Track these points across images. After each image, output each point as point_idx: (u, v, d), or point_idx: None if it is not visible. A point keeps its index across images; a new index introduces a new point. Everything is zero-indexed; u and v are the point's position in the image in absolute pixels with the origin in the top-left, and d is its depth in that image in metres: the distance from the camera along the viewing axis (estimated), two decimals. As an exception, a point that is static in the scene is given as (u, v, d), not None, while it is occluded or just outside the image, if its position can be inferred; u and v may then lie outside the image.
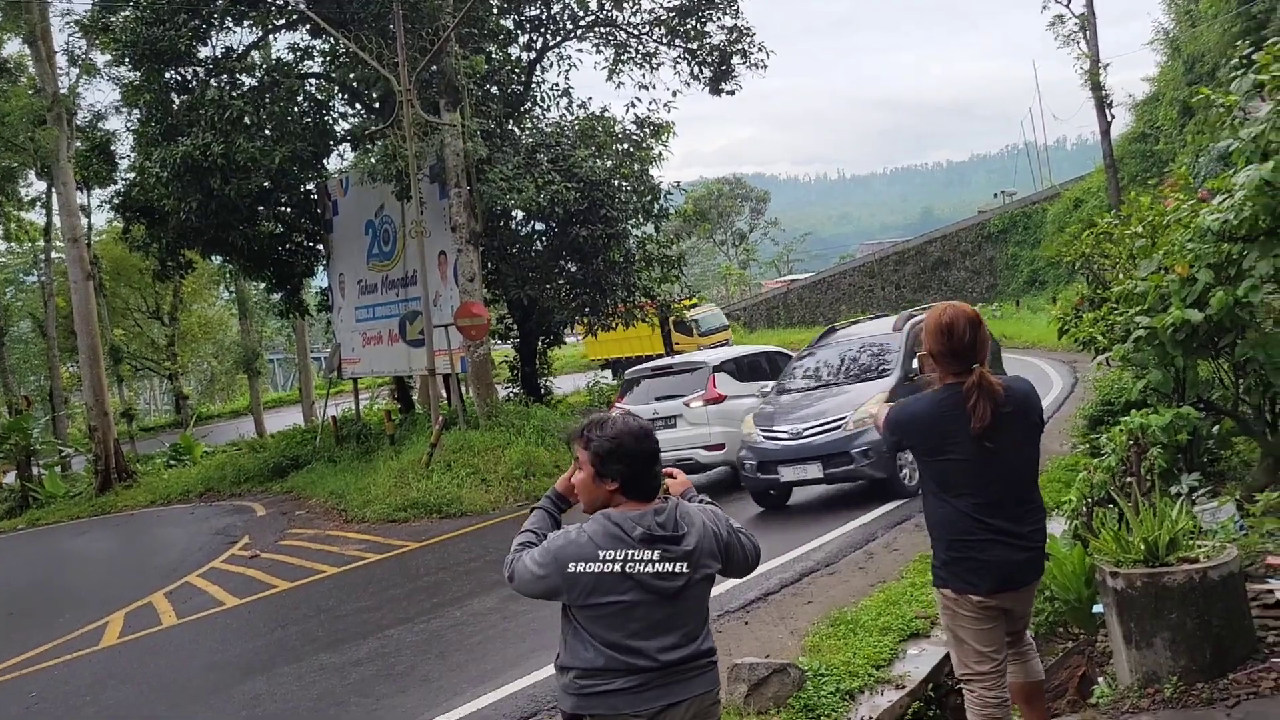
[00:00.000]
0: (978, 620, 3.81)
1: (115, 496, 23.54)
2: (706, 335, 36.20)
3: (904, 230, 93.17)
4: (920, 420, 3.84)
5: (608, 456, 2.89)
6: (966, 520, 3.76)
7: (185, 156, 19.17)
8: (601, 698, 2.78)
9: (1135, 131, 32.16)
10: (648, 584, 2.77)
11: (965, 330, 3.72)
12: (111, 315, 36.80)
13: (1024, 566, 3.85)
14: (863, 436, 10.52)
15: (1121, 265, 8.39)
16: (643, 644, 2.77)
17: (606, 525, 2.83)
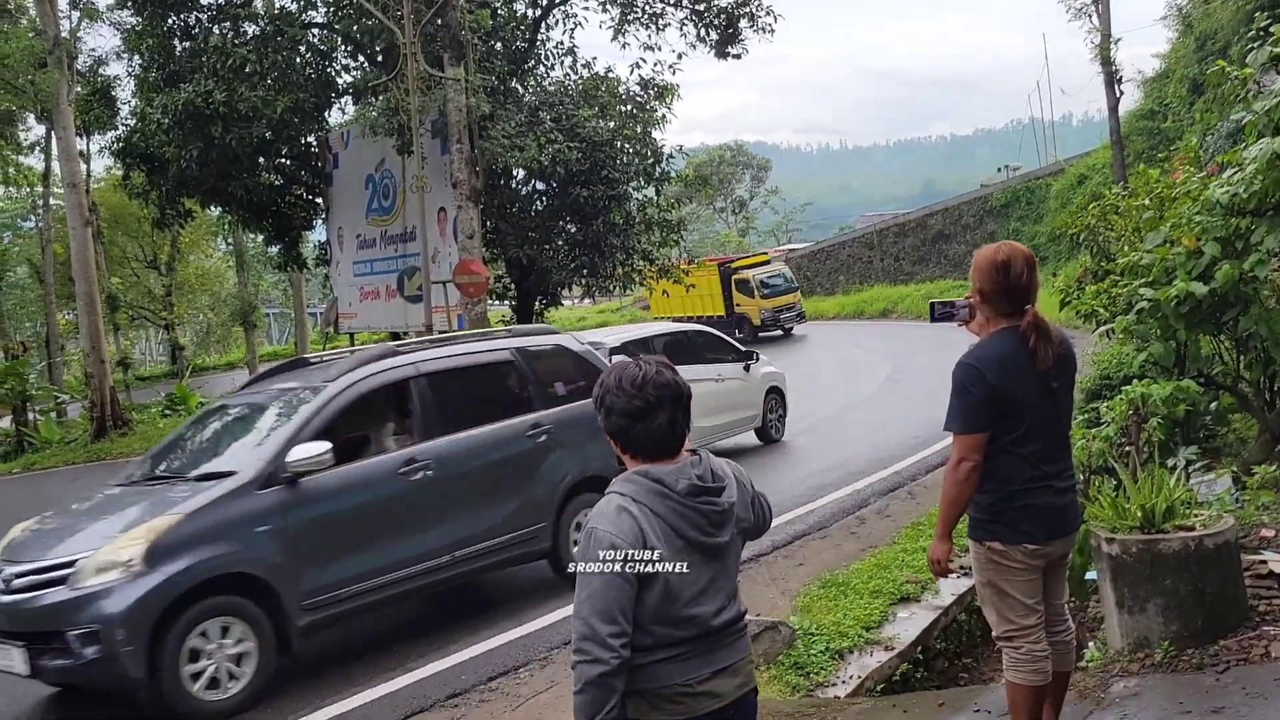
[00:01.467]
0: (1027, 572, 3.69)
1: (110, 444, 23.53)
2: (771, 298, 32.58)
3: (905, 203, 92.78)
4: (1004, 361, 3.59)
5: (601, 412, 2.66)
6: (1025, 468, 3.63)
7: (187, 104, 19.02)
8: (650, 669, 2.53)
9: (1143, 108, 31.95)
10: (695, 542, 2.56)
11: (1023, 269, 3.58)
12: (109, 263, 36.60)
13: (1070, 510, 3.76)
14: (97, 603, 5.65)
15: (1127, 238, 8.38)
16: (695, 610, 2.55)
17: (645, 484, 2.56)
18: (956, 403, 3.65)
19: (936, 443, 12.34)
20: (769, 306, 32.21)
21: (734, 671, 2.62)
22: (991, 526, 3.71)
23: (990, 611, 3.83)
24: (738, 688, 2.63)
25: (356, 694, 6.10)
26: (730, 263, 34.40)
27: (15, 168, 36.34)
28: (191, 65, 20.15)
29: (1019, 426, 3.60)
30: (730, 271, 33.35)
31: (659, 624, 2.52)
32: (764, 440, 13.64)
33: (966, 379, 3.62)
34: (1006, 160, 51.05)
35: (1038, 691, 3.73)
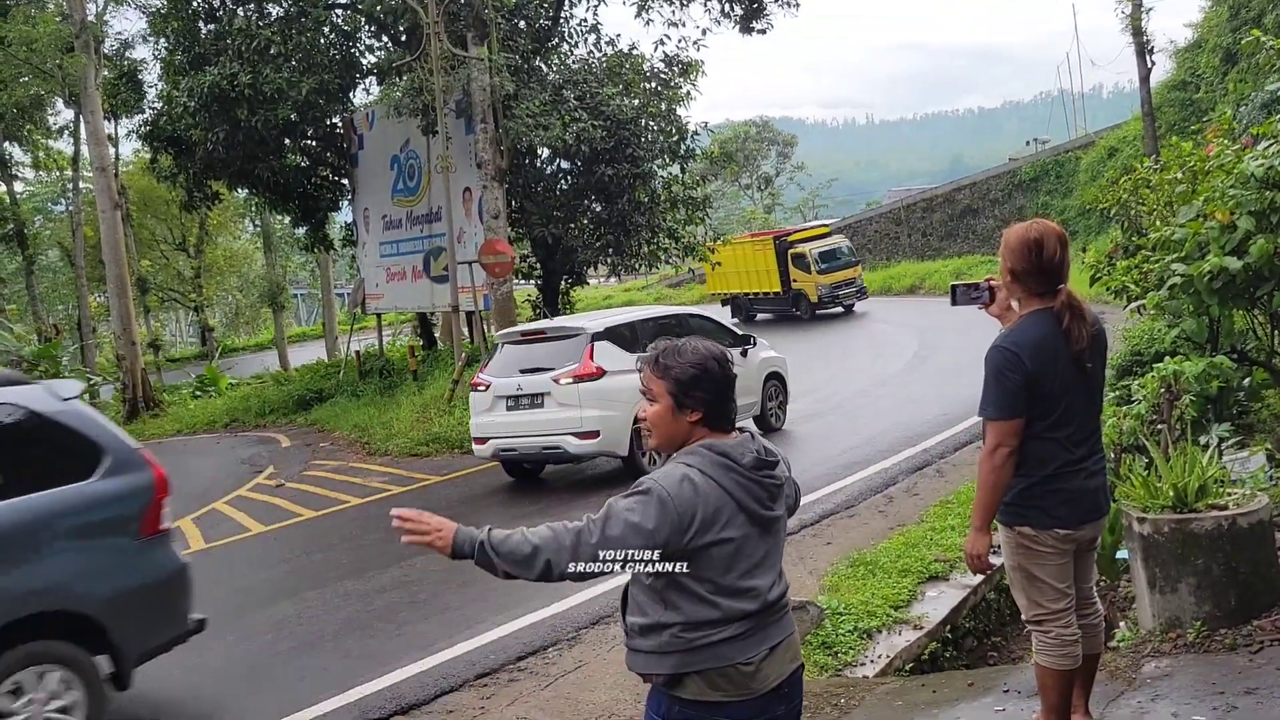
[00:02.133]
0: (1057, 556, 3.64)
1: (142, 425, 23.85)
2: (829, 273, 30.10)
3: (932, 177, 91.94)
4: (1039, 345, 3.50)
5: (691, 384, 2.64)
6: (1059, 452, 3.56)
7: (213, 86, 19.10)
8: (712, 649, 2.55)
9: (1175, 79, 31.42)
10: (755, 515, 2.61)
11: (1055, 247, 3.50)
12: (139, 246, 36.95)
13: (1102, 493, 3.70)
14: None
15: (1159, 212, 8.24)
16: (752, 583, 2.59)
17: (711, 456, 2.59)
18: (992, 388, 3.56)
19: (965, 420, 12.27)
20: (826, 282, 29.91)
21: (787, 646, 2.67)
22: (1023, 511, 3.65)
23: (1020, 595, 3.78)
24: (790, 662, 2.68)
25: (386, 674, 6.17)
26: (786, 235, 32.33)
27: (45, 152, 36.75)
28: (216, 48, 20.22)
29: (1053, 411, 3.53)
30: (786, 245, 31.13)
31: (719, 594, 2.55)
32: (763, 429, 12.71)
33: (1002, 363, 3.53)
34: (1035, 133, 50.46)
35: (1067, 675, 3.69)
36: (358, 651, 6.72)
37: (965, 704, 4.57)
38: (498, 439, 11.10)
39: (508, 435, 11.01)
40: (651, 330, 11.59)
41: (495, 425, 11.10)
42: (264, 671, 6.56)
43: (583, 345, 10.71)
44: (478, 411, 11.36)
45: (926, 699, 4.79)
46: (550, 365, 10.79)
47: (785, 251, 30.89)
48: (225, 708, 6.01)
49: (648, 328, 11.63)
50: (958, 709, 4.53)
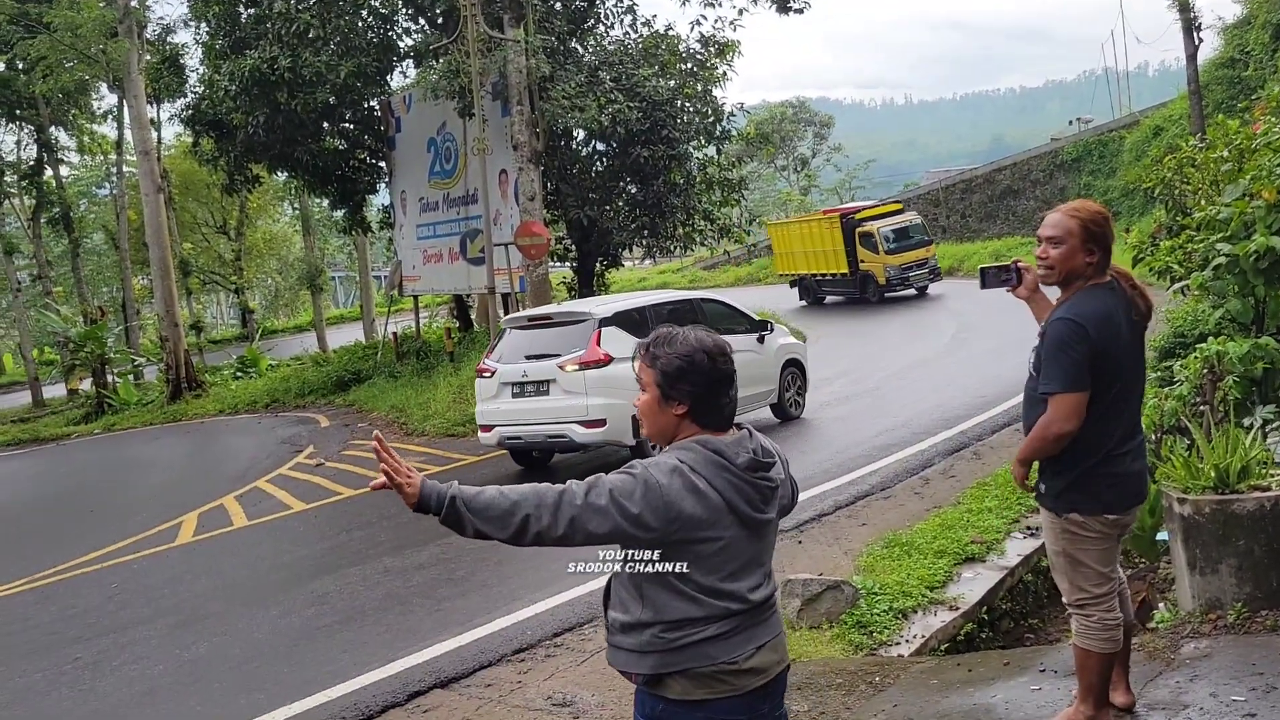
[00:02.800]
0: (1104, 540, 3.59)
1: (185, 405, 24.25)
2: (898, 253, 28.05)
3: (972, 158, 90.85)
4: (1104, 317, 3.44)
5: (677, 376, 2.57)
6: (1114, 434, 3.51)
7: (253, 70, 19.30)
8: (695, 649, 2.50)
9: (1223, 56, 30.81)
10: (746, 517, 2.54)
11: (1112, 225, 3.59)
12: (181, 229, 37.46)
13: (1145, 476, 3.67)
14: None
15: (1204, 191, 8.12)
16: (737, 585, 2.54)
17: (704, 454, 2.53)
18: (1057, 360, 3.46)
19: (1003, 402, 12.18)
20: (895, 263, 27.87)
21: (774, 647, 2.62)
22: (1072, 497, 3.58)
23: (1062, 579, 3.73)
24: (777, 663, 2.63)
25: (425, 648, 6.27)
26: (854, 213, 30.13)
27: (90, 136, 37.32)
28: (257, 32, 20.41)
29: (1112, 388, 3.47)
30: (854, 223, 29.07)
31: (704, 593, 2.50)
32: (781, 417, 12.62)
33: (1068, 335, 3.43)
34: (1078, 113, 49.63)
35: (1108, 659, 3.67)
36: (398, 626, 6.83)
37: (1001, 683, 4.58)
38: (503, 426, 10.85)
39: (513, 423, 10.76)
40: (663, 315, 11.35)
41: (500, 412, 10.84)
42: (307, 645, 6.69)
43: (590, 331, 10.46)
44: (483, 398, 11.13)
45: (962, 678, 4.79)
46: (556, 351, 10.53)
47: (853, 230, 28.93)
48: (271, 679, 6.14)
49: (659, 313, 11.35)
50: (994, 688, 4.54)
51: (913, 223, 29.32)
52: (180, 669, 6.56)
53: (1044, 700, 4.26)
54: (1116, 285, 3.50)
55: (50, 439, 24.31)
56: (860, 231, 28.65)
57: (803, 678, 5.11)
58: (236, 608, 7.78)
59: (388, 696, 5.63)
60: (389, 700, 5.60)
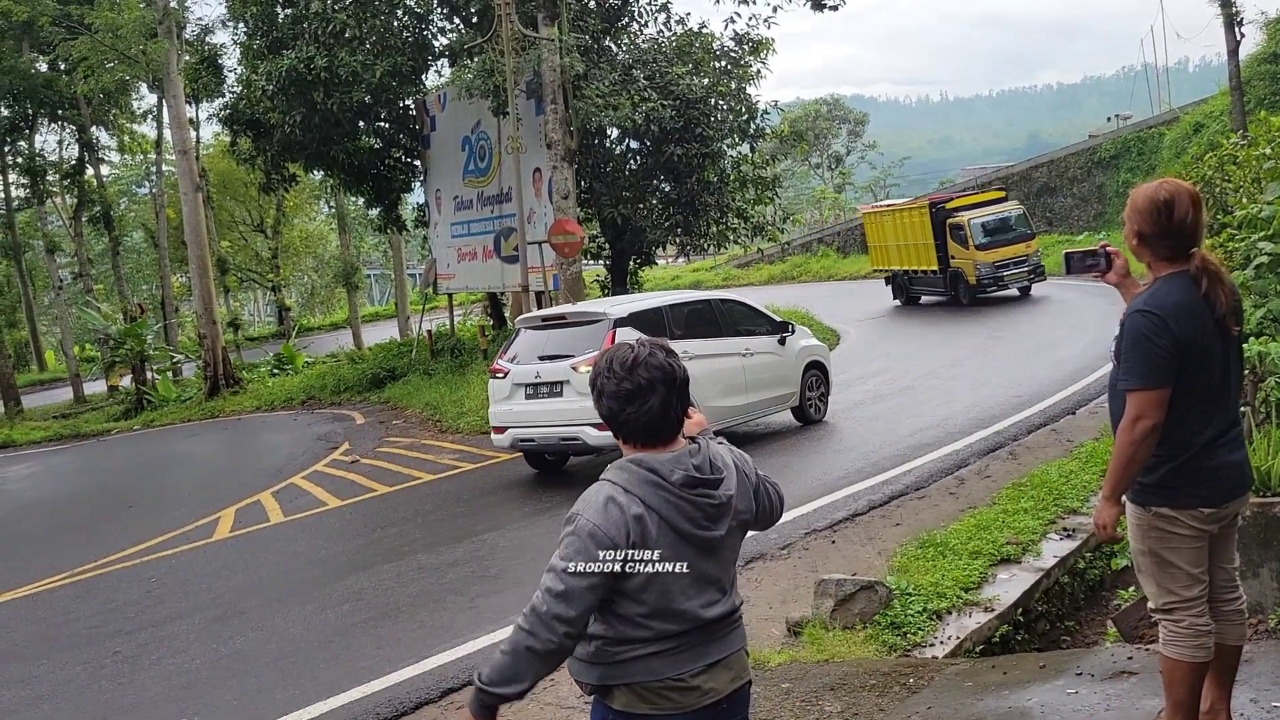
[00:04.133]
0: (1195, 539, 3.37)
1: (223, 401, 24.55)
2: (991, 248, 24.42)
3: (1008, 155, 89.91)
4: (1183, 309, 3.25)
5: (595, 398, 2.53)
6: (1205, 426, 3.32)
7: (289, 70, 19.50)
8: (639, 663, 2.45)
9: (1266, 51, 30.29)
10: (688, 535, 2.45)
11: (1188, 208, 3.25)
12: (218, 227, 37.96)
13: (1244, 466, 3.43)
14: None
15: (1246, 189, 8.00)
16: (685, 605, 2.46)
17: (639, 473, 2.45)
18: (1135, 355, 3.27)
19: (1038, 403, 12.08)
20: (987, 260, 24.31)
21: (727, 665, 2.54)
22: (1163, 491, 3.38)
23: (1149, 582, 3.50)
24: (730, 681, 2.55)
25: (460, 645, 6.33)
26: (944, 203, 26.75)
27: (130, 136, 37.87)
28: (293, 32, 20.62)
29: (1199, 380, 3.30)
30: (944, 214, 25.68)
31: (653, 618, 2.44)
32: (802, 421, 12.43)
33: (1148, 328, 3.24)
34: (1117, 109, 48.94)
35: (1198, 668, 3.40)
36: (432, 623, 6.89)
37: (1036, 685, 4.54)
38: (516, 428, 10.70)
39: (526, 424, 10.60)
40: (681, 316, 11.33)
41: (513, 414, 10.71)
42: (342, 641, 6.76)
43: (604, 331, 10.21)
44: (496, 399, 10.97)
45: (997, 680, 4.76)
46: (570, 352, 10.30)
47: (943, 221, 25.43)
48: (306, 674, 6.21)
49: (676, 314, 11.26)
50: (1029, 690, 4.50)
51: (1012, 213, 25.57)
52: (217, 663, 6.65)
53: (1080, 704, 4.21)
54: (1201, 273, 3.27)
55: (91, 435, 24.71)
56: (951, 223, 25.20)
57: (836, 679, 5.09)
58: (273, 603, 7.87)
59: (422, 693, 5.69)
60: (423, 697, 5.65)
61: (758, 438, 12.15)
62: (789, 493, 9.06)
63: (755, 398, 11.70)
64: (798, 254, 44.42)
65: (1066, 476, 8.55)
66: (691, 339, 11.02)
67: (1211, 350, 3.29)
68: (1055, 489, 8.24)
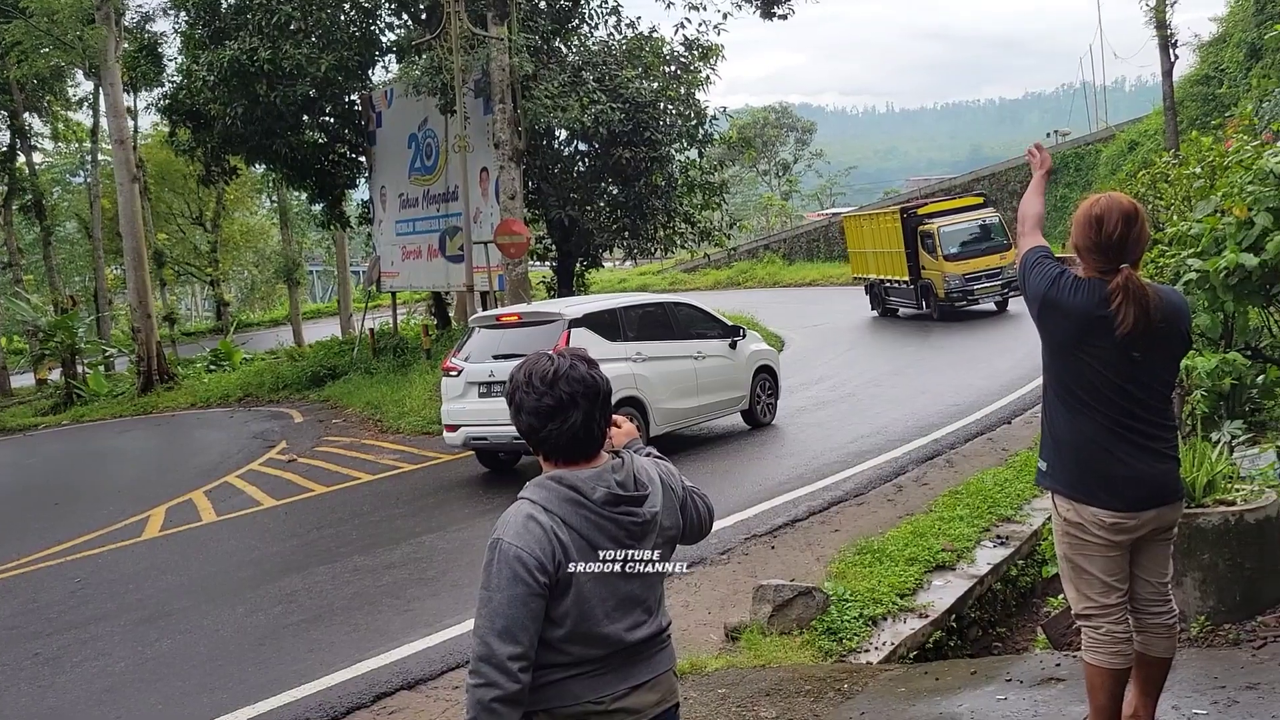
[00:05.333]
0: (1108, 547, 3.41)
1: (157, 397, 24.00)
2: (961, 259, 22.55)
3: (951, 167, 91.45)
4: (1066, 307, 3.33)
5: (514, 413, 2.42)
6: (1099, 432, 3.34)
7: (232, 61, 19.15)
8: (557, 687, 2.34)
9: (1198, 74, 31.16)
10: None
11: (1117, 224, 3.27)
12: (156, 219, 37.08)
13: (1160, 480, 3.40)
14: None
15: (1176, 207, 8.20)
16: (610, 628, 2.35)
17: (559, 490, 2.34)
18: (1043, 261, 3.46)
19: (976, 411, 12.28)
20: (957, 272, 22.42)
21: (652, 687, 2.44)
22: (1066, 479, 3.46)
23: (1069, 588, 3.59)
24: (655, 704, 2.45)
25: (394, 649, 6.25)
26: (916, 208, 24.97)
27: (65, 123, 36.89)
28: (237, 22, 20.24)
29: (1075, 382, 3.36)
30: (915, 220, 23.83)
31: (572, 643, 2.32)
32: (751, 424, 12.59)
33: (1051, 263, 3.43)
34: (1057, 125, 50.02)
35: (1118, 675, 3.46)
36: (366, 626, 6.79)
37: (968, 692, 4.60)
38: (469, 427, 10.67)
39: (479, 423, 10.55)
40: (635, 318, 11.43)
41: (466, 413, 10.69)
42: (273, 643, 6.64)
43: (558, 332, 10.28)
44: (449, 397, 10.97)
45: (929, 686, 4.81)
46: (524, 351, 10.15)
47: (914, 228, 23.67)
48: (235, 677, 6.08)
49: (631, 315, 11.36)
50: (960, 696, 4.55)
51: (987, 221, 23.62)
52: (143, 666, 6.49)
53: (1009, 711, 4.27)
54: (1118, 290, 3.26)
55: (17, 429, 24.01)
56: (921, 230, 23.43)
57: (772, 684, 5.11)
58: (202, 604, 7.71)
59: (354, 698, 5.60)
60: (355, 702, 5.56)
61: (705, 440, 12.20)
62: (730, 498, 9.17)
63: (707, 400, 11.83)
64: (744, 260, 44.66)
65: (1001, 485, 8.70)
66: (645, 341, 11.19)
67: (1105, 363, 3.30)
68: (990, 497, 8.38)
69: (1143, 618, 3.52)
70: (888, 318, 25.23)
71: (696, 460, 10.97)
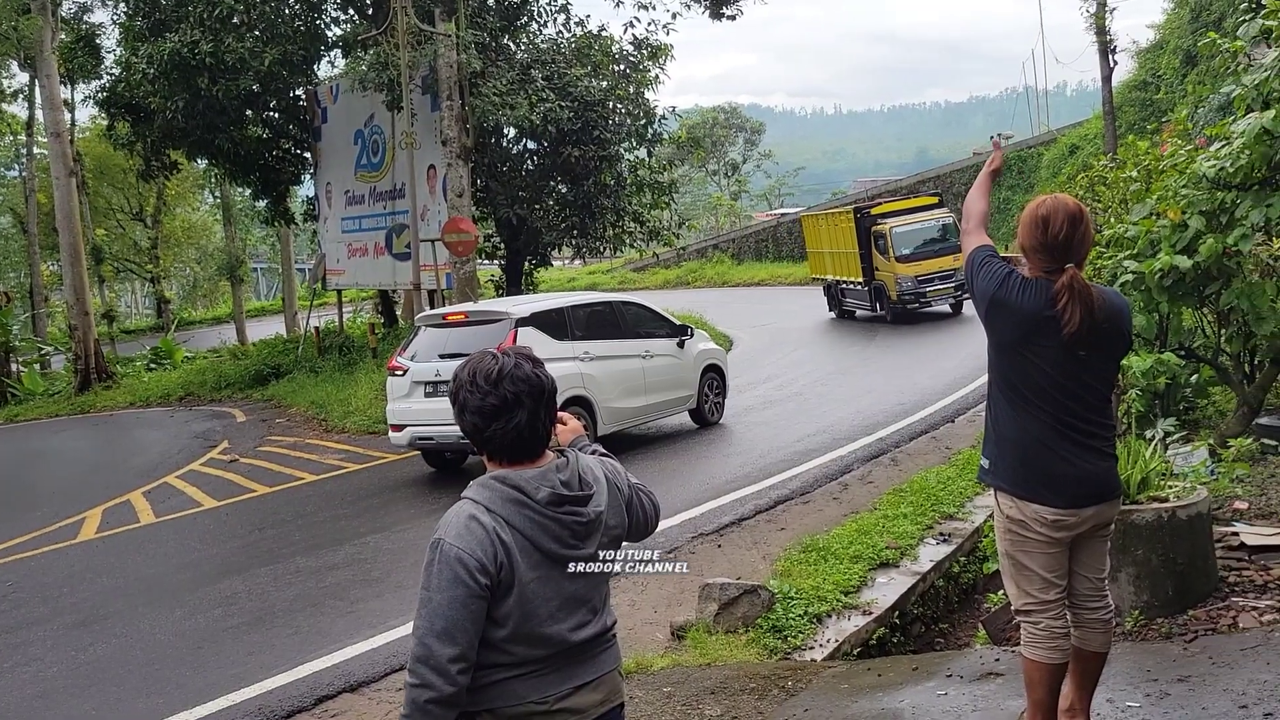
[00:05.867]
0: (1048, 544, 3.46)
1: (94, 396, 23.49)
2: (913, 260, 22.00)
3: (898, 169, 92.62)
4: (1014, 307, 3.37)
5: (458, 413, 2.39)
6: (1043, 430, 3.39)
7: (172, 54, 18.78)
8: (500, 687, 2.32)
9: (1136, 79, 31.84)
10: (555, 555, 2.34)
11: (1062, 225, 3.32)
12: (94, 214, 36.25)
13: (1101, 478, 3.45)
14: None
15: (1114, 210, 8.37)
16: (554, 628, 2.34)
17: (502, 490, 2.32)
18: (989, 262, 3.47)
19: (921, 410, 12.43)
20: (909, 273, 21.92)
21: (596, 687, 2.43)
22: (1009, 476, 3.50)
23: (1009, 584, 3.63)
24: (599, 704, 2.44)
25: (336, 651, 6.18)
26: (870, 207, 24.36)
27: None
28: (177, 14, 19.85)
29: (1020, 381, 3.41)
30: (869, 220, 23.23)
31: (515, 643, 2.30)
32: (699, 423, 12.65)
33: (999, 263, 3.44)
34: (1000, 128, 50.73)
35: (1056, 670, 3.52)
36: (308, 628, 6.69)
37: (909, 688, 4.65)
38: (415, 426, 10.58)
39: (425, 423, 10.46)
40: (583, 317, 11.44)
41: (412, 412, 10.60)
42: (212, 647, 6.52)
43: (505, 331, 10.26)
44: (395, 397, 10.87)
45: (872, 683, 4.85)
46: (471, 351, 10.12)
47: (868, 229, 23.11)
48: (172, 682, 5.96)
49: (579, 314, 11.39)
50: (902, 692, 4.60)
51: (942, 222, 23.06)
52: (77, 671, 6.34)
53: (949, 706, 4.33)
54: (1064, 290, 3.31)
55: (-52, 429, 23.35)
56: (875, 230, 22.92)
57: (717, 682, 5.13)
58: (139, 608, 7.55)
59: (294, 701, 5.52)
60: (295, 705, 5.48)
61: (653, 439, 12.21)
62: (678, 496, 9.18)
63: (655, 399, 11.87)
64: (693, 259, 44.80)
65: (944, 483, 8.81)
66: (593, 340, 11.21)
67: (1050, 362, 3.35)
68: (933, 495, 8.48)
69: (1080, 613, 3.58)
70: (844, 319, 24.82)
71: (644, 459, 10.98)
